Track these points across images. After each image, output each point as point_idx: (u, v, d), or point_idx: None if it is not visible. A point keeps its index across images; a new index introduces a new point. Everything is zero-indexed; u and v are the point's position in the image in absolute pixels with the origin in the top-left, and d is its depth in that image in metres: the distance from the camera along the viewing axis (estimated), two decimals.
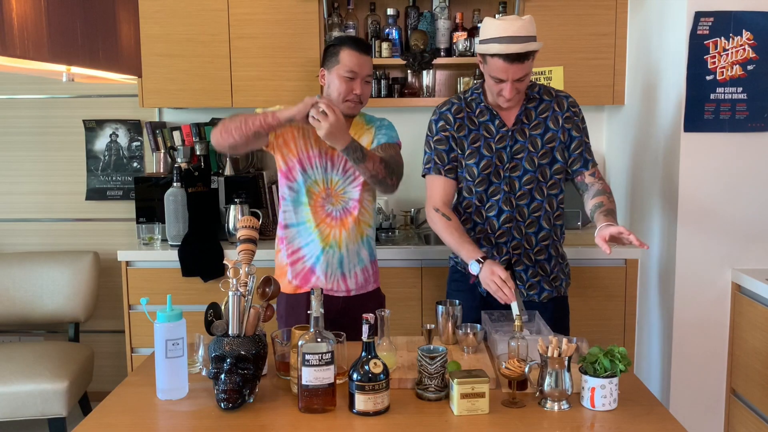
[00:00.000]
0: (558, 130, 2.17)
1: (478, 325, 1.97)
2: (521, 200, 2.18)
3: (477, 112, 2.20)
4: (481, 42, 2.07)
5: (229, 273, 1.66)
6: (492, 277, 1.95)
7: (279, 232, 2.28)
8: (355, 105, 2.19)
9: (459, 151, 2.20)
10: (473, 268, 2.02)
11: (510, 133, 2.16)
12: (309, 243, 2.22)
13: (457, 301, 2.03)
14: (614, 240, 1.92)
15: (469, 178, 2.20)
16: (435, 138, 2.21)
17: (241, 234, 1.72)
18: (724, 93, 2.50)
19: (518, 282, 2.21)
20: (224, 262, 1.76)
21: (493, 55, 2.02)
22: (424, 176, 2.25)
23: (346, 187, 2.22)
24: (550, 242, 2.22)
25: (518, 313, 1.89)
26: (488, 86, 2.14)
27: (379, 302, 2.36)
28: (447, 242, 2.15)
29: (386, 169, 2.13)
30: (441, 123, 2.21)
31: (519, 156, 2.16)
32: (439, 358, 1.64)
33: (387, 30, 3.11)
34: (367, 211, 2.27)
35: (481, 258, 2.02)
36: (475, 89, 2.23)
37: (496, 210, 2.19)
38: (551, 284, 2.24)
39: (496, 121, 2.17)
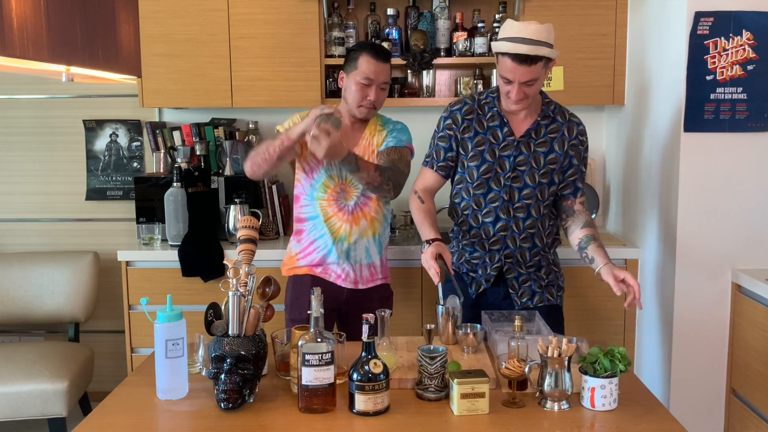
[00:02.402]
0: (561, 155, 2.18)
1: (478, 325, 1.98)
2: (519, 212, 2.19)
3: (488, 116, 2.20)
4: (496, 40, 2.08)
5: (229, 273, 1.66)
6: (425, 255, 2.05)
7: (295, 225, 2.40)
8: (369, 110, 2.28)
9: (462, 152, 2.22)
10: (423, 248, 2.10)
11: (516, 143, 2.17)
12: (321, 236, 2.31)
13: (457, 300, 2.03)
14: (623, 282, 1.99)
15: (468, 180, 2.22)
16: (439, 134, 2.25)
17: (241, 234, 1.72)
18: (724, 93, 2.50)
19: (511, 290, 2.23)
20: (224, 262, 1.76)
21: (503, 54, 2.04)
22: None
23: (358, 184, 2.28)
24: (542, 257, 2.25)
25: (439, 301, 2.00)
26: (500, 87, 2.14)
27: (386, 296, 2.43)
28: (415, 221, 2.24)
29: (381, 177, 2.19)
30: (449, 121, 2.23)
31: (521, 168, 2.17)
32: (439, 358, 1.64)
33: (387, 30, 3.11)
34: (381, 210, 2.34)
35: (431, 240, 2.09)
36: (490, 92, 2.23)
37: (493, 217, 2.20)
38: (544, 290, 2.26)
39: (505, 129, 2.18)
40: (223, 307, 1.68)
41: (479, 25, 3.09)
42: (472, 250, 2.24)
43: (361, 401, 1.57)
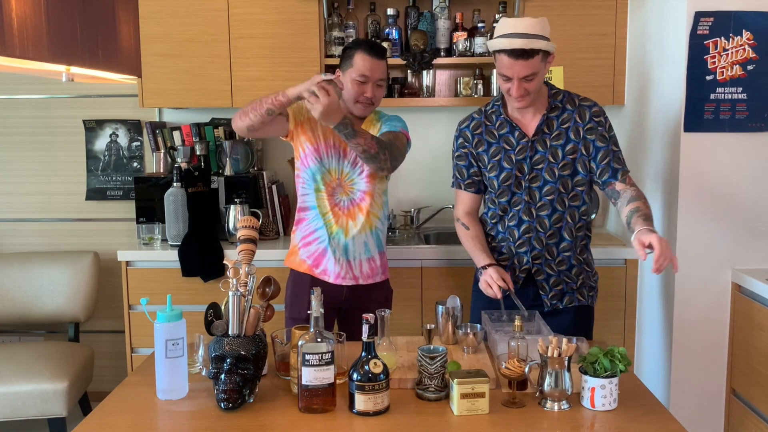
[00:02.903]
0: (579, 142, 2.15)
1: (478, 325, 1.98)
2: (542, 211, 2.18)
3: (497, 124, 2.21)
4: (492, 39, 2.09)
5: (229, 273, 1.67)
6: (484, 277, 2.11)
7: (297, 214, 2.39)
8: (366, 107, 2.26)
9: (481, 165, 2.24)
10: (479, 275, 2.14)
11: (530, 144, 2.16)
12: (320, 228, 2.32)
13: (458, 301, 2.03)
14: (650, 248, 1.88)
15: (491, 190, 2.24)
16: (456, 154, 2.29)
17: (240, 234, 1.73)
18: (724, 93, 2.50)
19: (541, 291, 2.23)
20: (224, 262, 1.77)
21: (499, 52, 2.04)
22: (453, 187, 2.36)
23: (355, 177, 2.30)
24: (572, 253, 2.22)
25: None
26: (500, 87, 2.13)
27: (385, 294, 2.43)
28: (466, 249, 2.27)
29: (378, 145, 2.16)
30: (460, 140, 2.27)
31: (539, 166, 2.16)
32: (439, 358, 1.64)
33: (387, 30, 3.11)
34: (377, 203, 2.34)
35: (486, 266, 2.13)
36: (495, 101, 2.24)
37: (517, 220, 2.20)
38: (575, 292, 2.24)
39: (516, 133, 2.18)
40: (223, 307, 1.68)
41: (479, 25, 3.10)
42: (500, 253, 2.26)
43: (361, 401, 1.57)
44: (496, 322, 2.05)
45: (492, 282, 2.08)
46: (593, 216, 3.26)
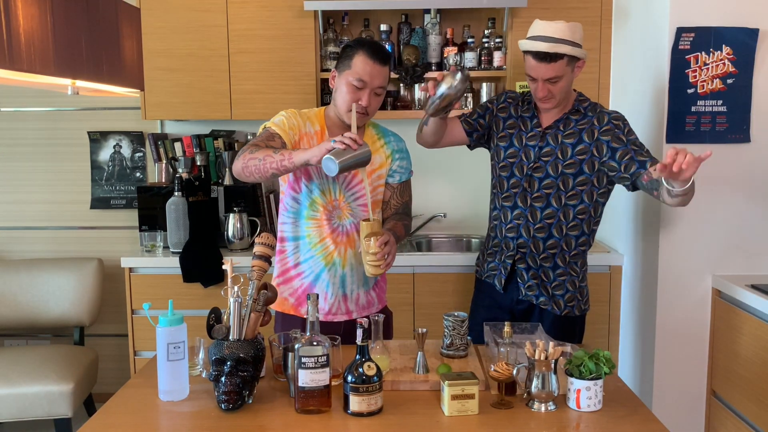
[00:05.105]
0: (592, 144, 2.16)
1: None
2: (537, 202, 2.20)
3: (524, 106, 2.26)
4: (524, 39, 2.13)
5: (230, 281, 1.70)
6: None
7: (277, 244, 2.11)
8: (360, 117, 2.00)
9: (495, 129, 2.28)
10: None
11: (542, 134, 2.19)
12: (308, 259, 2.07)
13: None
14: (671, 172, 1.78)
15: (495, 158, 2.27)
16: (484, 103, 2.35)
17: (256, 250, 1.74)
18: (705, 105, 2.53)
19: (519, 279, 2.25)
20: (223, 266, 1.76)
21: (526, 52, 2.08)
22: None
23: (352, 203, 2.08)
24: (558, 252, 2.22)
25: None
26: (528, 85, 2.18)
27: (385, 321, 2.02)
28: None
29: (406, 232, 2.15)
30: (493, 97, 2.35)
31: (546, 159, 2.18)
32: (465, 321, 1.90)
33: None
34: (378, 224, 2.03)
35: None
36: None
37: (512, 202, 2.22)
38: (551, 293, 2.23)
39: (534, 120, 2.22)
40: (225, 313, 1.70)
41: (469, 40, 3.14)
42: (494, 236, 2.28)
43: (356, 402, 1.60)
44: (499, 333, 1.98)
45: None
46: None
